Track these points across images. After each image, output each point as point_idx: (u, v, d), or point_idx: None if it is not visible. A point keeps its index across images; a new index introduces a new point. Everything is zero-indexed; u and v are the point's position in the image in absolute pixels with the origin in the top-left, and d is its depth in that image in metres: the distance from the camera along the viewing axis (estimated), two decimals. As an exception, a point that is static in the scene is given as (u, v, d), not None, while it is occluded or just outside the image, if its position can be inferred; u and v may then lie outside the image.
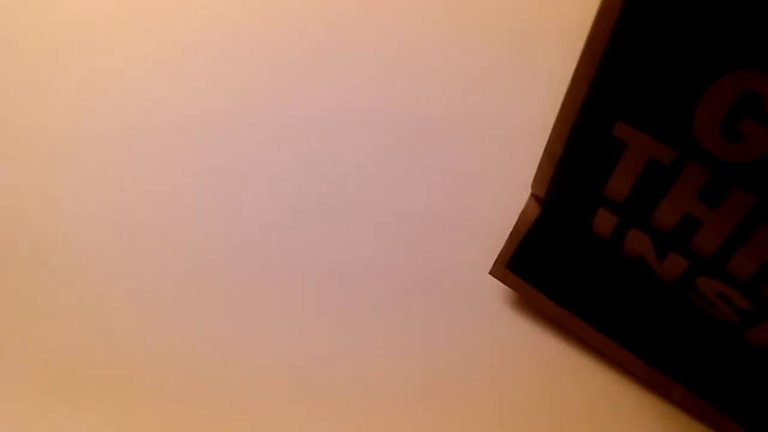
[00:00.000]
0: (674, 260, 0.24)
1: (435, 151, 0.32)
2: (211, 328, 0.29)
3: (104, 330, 0.29)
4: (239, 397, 0.28)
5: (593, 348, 0.28)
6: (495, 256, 0.29)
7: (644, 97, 0.21)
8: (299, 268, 0.30)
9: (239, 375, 0.28)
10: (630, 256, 0.26)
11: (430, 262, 0.30)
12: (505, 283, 0.29)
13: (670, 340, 0.27)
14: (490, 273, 0.29)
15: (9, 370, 0.28)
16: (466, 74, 0.34)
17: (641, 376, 0.27)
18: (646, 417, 0.27)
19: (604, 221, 0.25)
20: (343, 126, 0.33)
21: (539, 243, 0.28)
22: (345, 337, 0.29)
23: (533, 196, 0.27)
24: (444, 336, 0.29)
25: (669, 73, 0.20)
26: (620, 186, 0.23)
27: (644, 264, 0.26)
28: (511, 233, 0.28)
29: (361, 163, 0.32)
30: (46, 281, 0.30)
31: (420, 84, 0.34)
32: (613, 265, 0.27)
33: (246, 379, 0.28)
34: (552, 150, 0.24)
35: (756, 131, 0.19)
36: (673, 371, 0.27)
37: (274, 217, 0.31)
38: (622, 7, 0.20)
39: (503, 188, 0.31)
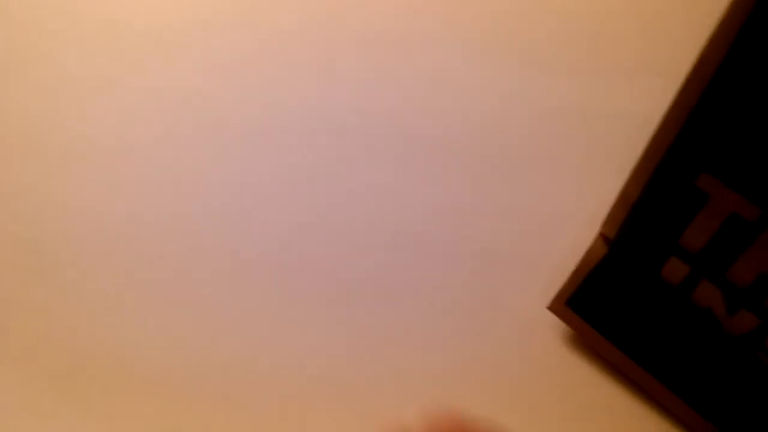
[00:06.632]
0: (745, 317, 0.23)
1: (502, 178, 0.32)
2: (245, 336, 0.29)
3: (104, 330, 0.29)
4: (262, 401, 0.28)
5: (647, 394, 0.27)
6: (554, 291, 0.28)
7: (735, 152, 0.20)
8: (344, 287, 0.30)
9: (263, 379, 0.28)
10: (697, 306, 0.25)
11: (487, 291, 0.29)
12: (562, 320, 0.28)
13: (731, 395, 0.26)
14: (548, 308, 0.28)
15: (8, 370, 0.28)
16: (547, 102, 0.33)
17: (697, 430, 0.26)
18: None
19: (675, 269, 0.24)
20: (409, 152, 0.33)
21: (603, 283, 0.27)
22: (393, 361, 0.29)
23: (602, 235, 0.27)
24: (494, 366, 0.28)
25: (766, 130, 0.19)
26: (697, 237, 0.23)
27: (711, 316, 0.25)
28: (575, 270, 0.27)
29: (425, 188, 0.32)
30: (47, 281, 0.29)
31: (494, 110, 0.34)
32: (678, 313, 0.26)
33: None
34: (628, 193, 0.24)
35: None
36: (731, 428, 0.26)
37: (322, 236, 0.31)
38: (729, 47, 0.19)
39: (569, 223, 0.30)
